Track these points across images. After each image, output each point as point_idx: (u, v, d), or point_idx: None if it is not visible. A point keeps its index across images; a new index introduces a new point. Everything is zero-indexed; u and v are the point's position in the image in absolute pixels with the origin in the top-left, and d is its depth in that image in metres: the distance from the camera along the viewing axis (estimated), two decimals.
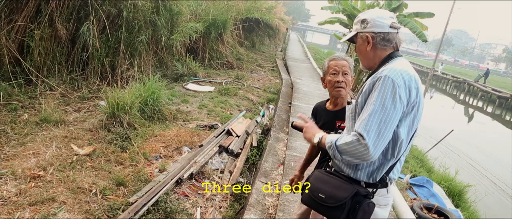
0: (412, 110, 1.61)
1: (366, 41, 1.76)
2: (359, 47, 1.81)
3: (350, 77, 2.21)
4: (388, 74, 1.57)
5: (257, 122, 6.74)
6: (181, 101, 7.23)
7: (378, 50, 1.75)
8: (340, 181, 1.72)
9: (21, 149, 4.11)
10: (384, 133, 1.54)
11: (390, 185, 1.79)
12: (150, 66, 8.24)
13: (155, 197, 3.49)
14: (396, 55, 1.74)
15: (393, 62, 1.68)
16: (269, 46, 24.09)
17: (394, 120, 1.56)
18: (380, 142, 1.54)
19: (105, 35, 6.91)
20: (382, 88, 1.56)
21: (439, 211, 4.86)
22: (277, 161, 4.92)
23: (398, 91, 1.54)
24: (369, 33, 1.74)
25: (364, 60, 1.82)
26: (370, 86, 1.63)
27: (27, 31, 6.10)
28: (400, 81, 1.56)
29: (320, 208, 1.72)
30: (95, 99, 6.24)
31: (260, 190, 3.99)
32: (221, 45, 12.66)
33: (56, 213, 3.07)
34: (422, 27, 12.36)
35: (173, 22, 8.88)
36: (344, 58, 2.26)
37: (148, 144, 4.80)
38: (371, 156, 1.53)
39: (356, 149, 1.54)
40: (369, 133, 1.52)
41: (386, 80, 1.56)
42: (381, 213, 1.79)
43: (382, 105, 1.54)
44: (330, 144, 1.65)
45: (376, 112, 1.54)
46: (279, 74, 13.50)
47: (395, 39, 1.75)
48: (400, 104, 1.55)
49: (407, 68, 1.63)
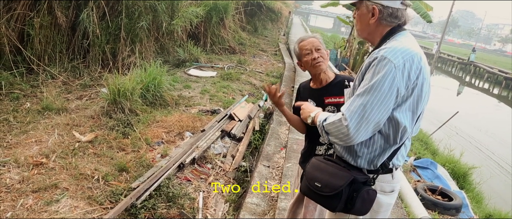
0: (412, 92, 1.48)
1: (371, 12, 1.58)
2: (361, 16, 1.64)
3: (323, 50, 2.19)
4: (385, 54, 1.44)
5: (260, 106, 6.71)
6: (183, 87, 7.20)
7: (381, 26, 1.59)
8: (336, 168, 1.61)
9: (24, 137, 4.13)
10: (369, 117, 1.43)
11: (395, 170, 1.66)
12: (152, 52, 8.20)
13: (157, 182, 3.50)
14: (398, 30, 1.58)
15: (395, 39, 1.54)
16: (271, 30, 23.87)
17: (384, 104, 1.43)
18: (363, 125, 1.44)
19: (105, 22, 6.87)
20: (377, 69, 1.44)
21: (443, 193, 4.84)
22: (280, 145, 4.91)
23: (393, 73, 1.41)
24: (376, 4, 1.56)
25: (362, 30, 1.67)
26: (366, 67, 1.51)
27: (27, 19, 6.08)
28: (398, 62, 1.42)
29: (316, 197, 1.63)
30: (96, 86, 6.24)
31: (263, 174, 3.99)
32: (223, 30, 12.55)
33: (59, 199, 3.09)
34: (427, 7, 12.11)
35: (174, 7, 8.78)
36: (311, 36, 2.25)
37: (150, 130, 4.80)
38: (351, 138, 1.46)
39: (338, 130, 1.48)
40: (352, 114, 1.44)
41: (381, 61, 1.43)
42: (386, 200, 1.67)
43: (371, 87, 1.43)
44: (319, 123, 1.59)
45: (363, 93, 1.44)
46: (281, 58, 13.40)
47: (404, 17, 1.59)
48: (393, 87, 1.42)
49: (409, 46, 1.49)
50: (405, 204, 3.98)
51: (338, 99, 2.14)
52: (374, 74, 1.44)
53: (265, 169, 4.15)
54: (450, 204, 4.56)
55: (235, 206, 3.59)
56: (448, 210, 4.50)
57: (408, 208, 3.91)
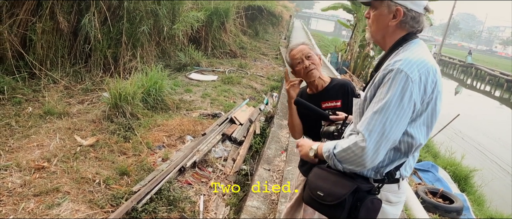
0: (427, 107, 1.42)
1: (393, 13, 1.47)
2: (379, 17, 1.51)
3: (314, 56, 2.20)
4: (401, 67, 1.35)
5: (261, 109, 6.73)
6: (184, 91, 7.23)
7: (399, 30, 1.49)
8: (340, 176, 1.52)
9: (26, 141, 4.15)
10: (389, 135, 1.36)
11: (401, 180, 1.58)
12: (153, 56, 8.24)
13: (158, 185, 3.51)
14: (412, 37, 1.49)
15: (408, 49, 1.45)
16: (272, 34, 23.93)
17: (402, 120, 1.37)
18: (383, 144, 1.36)
19: (106, 27, 6.91)
20: (393, 83, 1.35)
21: (444, 196, 4.84)
22: (280, 148, 4.92)
23: (410, 87, 1.34)
24: (402, 6, 1.45)
25: (377, 32, 1.56)
26: (380, 79, 1.42)
27: (29, 24, 6.12)
28: (415, 76, 1.35)
29: (319, 207, 1.56)
30: (98, 91, 6.27)
31: (263, 177, 4.00)
32: (224, 34, 12.60)
33: (60, 203, 3.11)
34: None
35: (175, 11, 8.84)
36: (300, 43, 2.26)
37: (151, 134, 4.82)
38: (370, 160, 1.37)
39: (354, 155, 1.39)
40: (372, 133, 1.35)
41: (398, 74, 1.35)
42: (392, 211, 1.59)
43: (389, 103, 1.34)
44: (328, 153, 1.48)
45: (381, 110, 1.35)
46: (282, 62, 13.43)
47: (422, 24, 1.50)
48: (411, 103, 1.35)
49: (425, 57, 1.41)
50: (405, 206, 3.98)
51: (335, 103, 2.15)
52: (390, 89, 1.36)
53: (265, 172, 4.16)
54: (451, 207, 4.56)
55: (236, 209, 3.60)
56: (449, 213, 4.50)
57: (409, 211, 3.92)
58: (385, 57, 1.52)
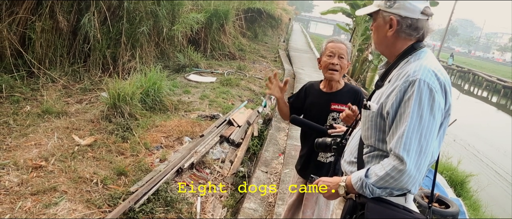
0: (445, 117, 1.38)
1: (388, 23, 1.45)
2: (378, 28, 1.51)
3: (345, 61, 2.20)
4: (422, 77, 1.31)
5: (259, 112, 6.74)
6: (183, 92, 7.24)
7: (400, 39, 1.46)
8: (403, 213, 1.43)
9: (23, 140, 4.15)
10: (426, 150, 1.30)
11: (408, 194, 1.47)
12: (152, 57, 8.25)
13: (156, 186, 3.51)
14: (420, 46, 1.45)
15: (421, 57, 1.41)
16: (271, 36, 23.99)
17: (434, 132, 1.31)
18: (423, 161, 1.30)
19: (106, 27, 6.92)
20: (418, 96, 1.29)
21: (440, 200, 4.86)
22: (278, 150, 4.93)
23: (436, 98, 1.30)
24: (394, 15, 1.43)
25: (379, 44, 1.54)
26: (401, 93, 1.34)
27: (28, 23, 6.12)
28: (436, 85, 1.31)
29: None
30: (97, 90, 6.27)
31: (261, 179, 4.01)
32: (223, 36, 12.62)
33: (58, 202, 3.11)
34: None
35: (175, 12, 8.86)
36: (342, 41, 2.25)
37: (149, 134, 4.83)
38: (414, 181, 1.30)
39: (394, 180, 1.31)
40: (410, 153, 1.28)
41: (421, 86, 1.30)
42: None
43: (421, 117, 1.29)
44: (362, 185, 1.38)
45: (415, 126, 1.29)
46: (281, 64, 13.47)
47: (424, 28, 1.45)
48: (439, 113, 1.32)
49: (439, 67, 1.38)
50: None
51: (342, 107, 2.16)
52: (417, 102, 1.30)
53: (263, 175, 4.17)
54: (447, 212, 4.57)
55: (233, 211, 3.61)
56: (445, 217, 4.52)
57: None
58: (392, 67, 1.49)
